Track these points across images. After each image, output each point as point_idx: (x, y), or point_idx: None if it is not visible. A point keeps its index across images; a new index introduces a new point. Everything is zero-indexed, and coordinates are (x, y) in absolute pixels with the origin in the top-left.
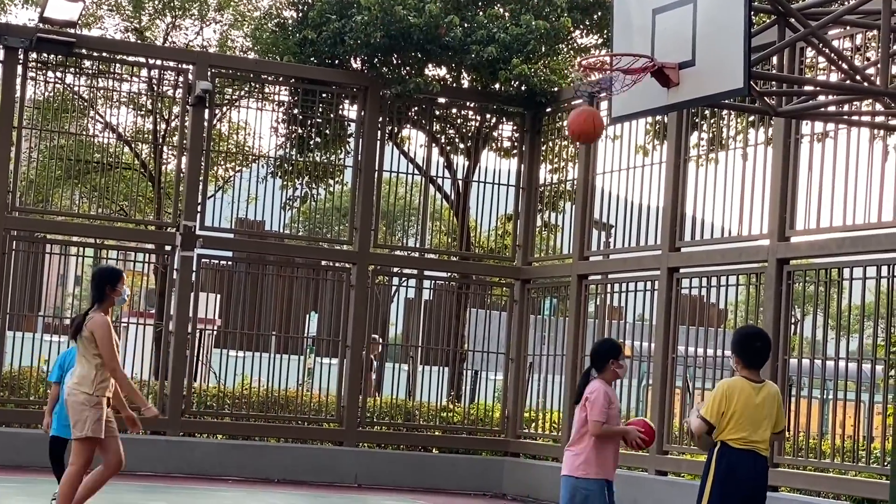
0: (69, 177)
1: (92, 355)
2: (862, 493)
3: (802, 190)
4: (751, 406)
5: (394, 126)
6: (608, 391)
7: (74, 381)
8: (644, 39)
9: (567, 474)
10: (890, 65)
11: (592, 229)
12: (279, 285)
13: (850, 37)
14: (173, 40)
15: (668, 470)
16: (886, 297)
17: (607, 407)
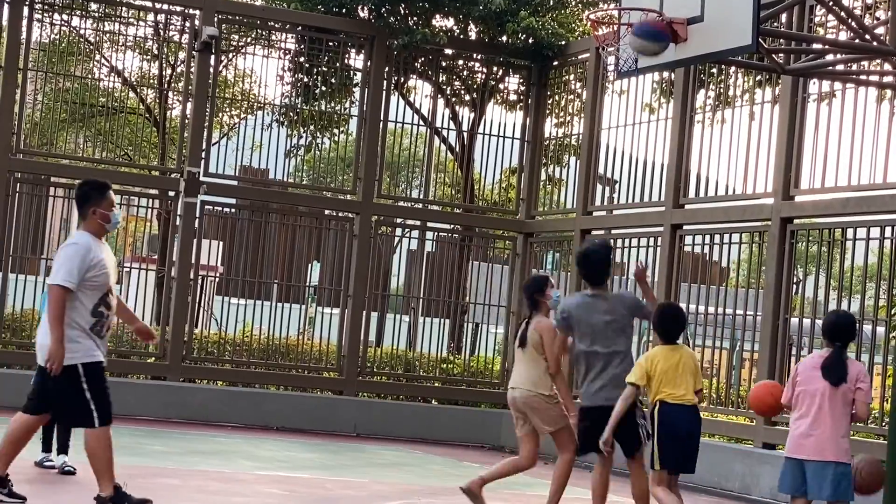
0: (74, 120)
1: (542, 357)
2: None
3: (808, 149)
4: (671, 368)
5: (400, 76)
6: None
7: (528, 385)
8: None
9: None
10: None
11: (596, 184)
12: (282, 234)
13: None
14: None
15: None
16: (889, 259)
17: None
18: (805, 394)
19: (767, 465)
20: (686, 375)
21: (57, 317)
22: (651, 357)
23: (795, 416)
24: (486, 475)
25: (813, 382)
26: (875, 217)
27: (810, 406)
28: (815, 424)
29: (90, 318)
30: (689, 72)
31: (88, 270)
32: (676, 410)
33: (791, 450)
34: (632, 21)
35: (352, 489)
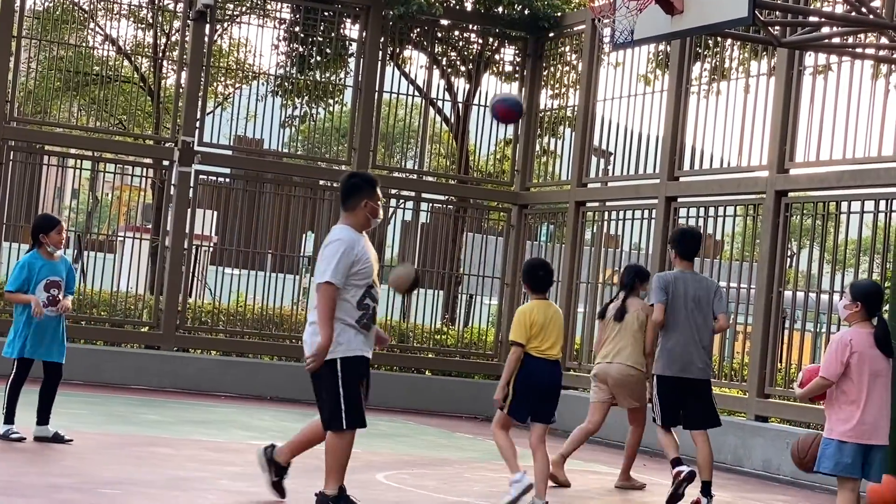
0: (68, 88)
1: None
2: None
3: (803, 122)
4: (546, 322)
5: (395, 47)
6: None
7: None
8: None
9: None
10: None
11: (591, 156)
12: (276, 204)
13: None
14: None
15: None
16: (883, 232)
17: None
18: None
19: (760, 437)
20: (554, 331)
21: (328, 316)
22: (527, 312)
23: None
24: (564, 451)
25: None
26: (869, 190)
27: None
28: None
29: (356, 312)
30: (685, 44)
31: (353, 265)
32: (540, 364)
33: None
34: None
35: None
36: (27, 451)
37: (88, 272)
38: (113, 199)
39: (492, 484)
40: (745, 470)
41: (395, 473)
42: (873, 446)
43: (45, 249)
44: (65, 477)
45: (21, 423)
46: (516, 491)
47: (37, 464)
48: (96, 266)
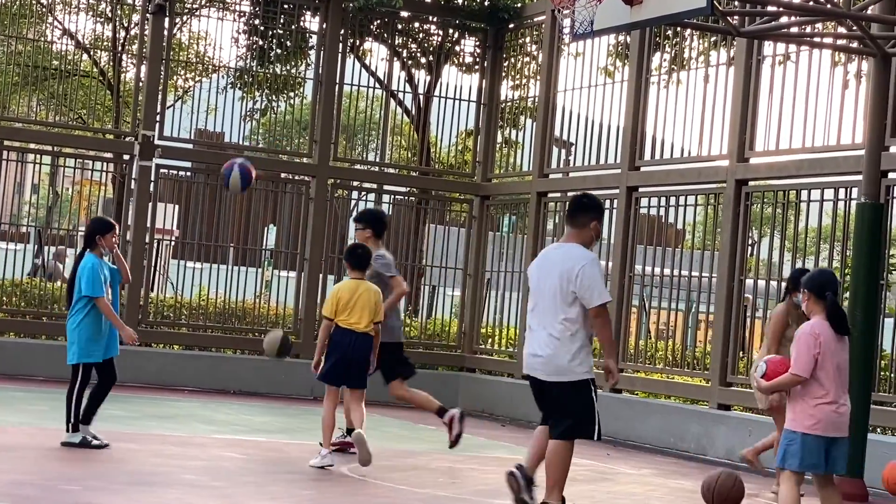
0: (27, 83)
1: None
2: None
3: (763, 111)
4: (352, 298)
5: (355, 39)
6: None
7: None
8: None
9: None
10: None
11: (553, 147)
12: (238, 197)
13: None
14: None
15: (621, 388)
16: (843, 220)
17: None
18: (830, 365)
19: (722, 425)
20: (361, 306)
21: (611, 336)
22: (336, 290)
23: (823, 387)
24: (760, 445)
25: (838, 353)
26: (829, 179)
27: (836, 376)
28: (843, 393)
29: (591, 331)
30: (645, 34)
31: None
32: (347, 334)
33: (823, 428)
34: None
35: (308, 452)
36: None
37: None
38: (73, 194)
39: (455, 475)
40: (709, 458)
41: (359, 467)
42: (836, 438)
43: (98, 251)
44: (28, 474)
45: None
46: (318, 463)
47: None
48: (57, 261)
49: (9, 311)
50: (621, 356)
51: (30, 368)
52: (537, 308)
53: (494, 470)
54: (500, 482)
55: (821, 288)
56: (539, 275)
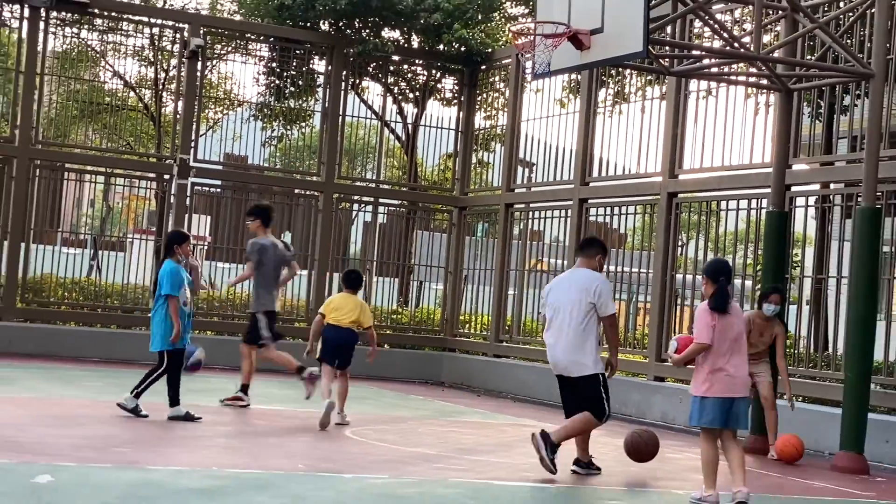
0: (83, 116)
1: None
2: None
3: (689, 136)
4: (340, 305)
5: (355, 79)
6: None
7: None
8: (562, 9)
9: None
10: (762, 34)
11: (518, 166)
12: None
13: (731, 11)
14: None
15: None
16: (755, 225)
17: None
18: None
19: (658, 394)
20: (348, 311)
21: (618, 338)
22: (331, 299)
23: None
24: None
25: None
26: (745, 191)
27: (729, 347)
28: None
29: (599, 335)
30: (593, 73)
31: None
32: (333, 328)
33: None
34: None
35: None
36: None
37: (104, 268)
38: (123, 207)
39: (441, 437)
40: (647, 420)
41: (360, 429)
42: (734, 399)
43: (176, 258)
44: (86, 439)
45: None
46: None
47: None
48: (110, 263)
49: (70, 304)
50: None
51: (86, 352)
52: (554, 322)
53: (472, 432)
54: (476, 441)
55: (715, 273)
56: (557, 293)
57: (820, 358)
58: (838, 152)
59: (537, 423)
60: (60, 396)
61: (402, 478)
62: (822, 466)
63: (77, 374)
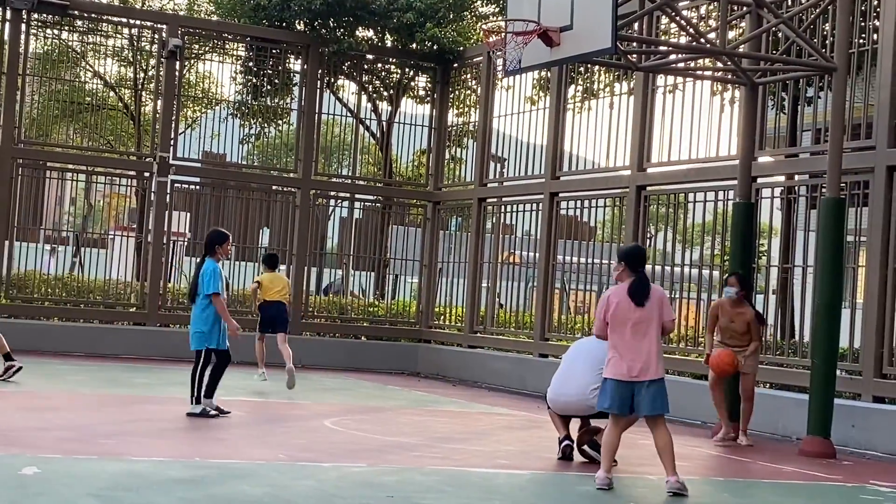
0: (65, 116)
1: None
2: (701, 371)
3: (657, 131)
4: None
5: (331, 77)
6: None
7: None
8: (532, 7)
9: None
10: (727, 30)
11: (490, 162)
12: (238, 205)
13: (696, 7)
14: (150, 4)
15: (548, 353)
16: (722, 217)
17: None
18: (625, 321)
19: None
20: (279, 288)
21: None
22: (261, 279)
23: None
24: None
25: (632, 311)
26: (711, 184)
27: (626, 331)
28: (638, 348)
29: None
30: (562, 70)
31: None
32: (269, 304)
33: (624, 374)
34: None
35: (299, 409)
36: (34, 411)
37: (86, 264)
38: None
39: (418, 426)
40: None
41: (339, 419)
42: (636, 384)
43: (217, 257)
44: (71, 430)
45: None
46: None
47: (46, 420)
48: (91, 259)
49: (53, 300)
50: (547, 329)
51: (70, 347)
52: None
53: (448, 421)
54: (452, 430)
55: (634, 262)
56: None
57: (787, 345)
58: (802, 144)
59: (511, 411)
60: (46, 390)
61: (381, 466)
62: (789, 451)
63: (61, 369)
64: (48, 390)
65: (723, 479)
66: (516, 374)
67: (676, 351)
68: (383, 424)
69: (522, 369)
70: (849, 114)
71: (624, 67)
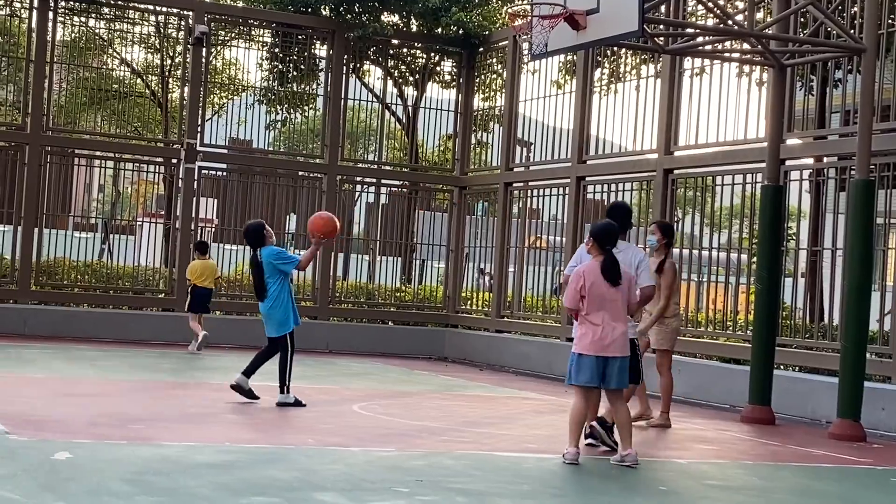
0: (92, 103)
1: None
2: (729, 354)
3: (684, 113)
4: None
5: (356, 62)
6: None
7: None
8: None
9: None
10: (755, 11)
11: (516, 146)
12: (264, 192)
13: None
14: None
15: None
16: (750, 200)
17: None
18: (596, 296)
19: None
20: (208, 274)
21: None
22: (191, 267)
23: (591, 319)
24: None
25: (602, 287)
26: (738, 167)
27: (600, 308)
28: (613, 325)
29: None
30: (588, 53)
31: None
32: (200, 289)
33: (594, 349)
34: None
35: (326, 394)
36: (65, 396)
37: (115, 251)
38: (132, 192)
39: (446, 410)
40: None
41: (367, 404)
42: (607, 358)
43: (269, 241)
44: (102, 416)
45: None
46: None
47: (77, 405)
48: (120, 246)
49: (82, 287)
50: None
51: (99, 333)
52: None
53: (475, 405)
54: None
55: (605, 239)
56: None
57: (816, 328)
58: (831, 126)
59: (538, 395)
60: (76, 376)
61: (409, 450)
62: (820, 434)
63: (91, 354)
64: (78, 376)
65: (752, 462)
66: (543, 359)
67: (704, 335)
68: (411, 409)
69: (550, 353)
70: (878, 95)
71: (651, 50)
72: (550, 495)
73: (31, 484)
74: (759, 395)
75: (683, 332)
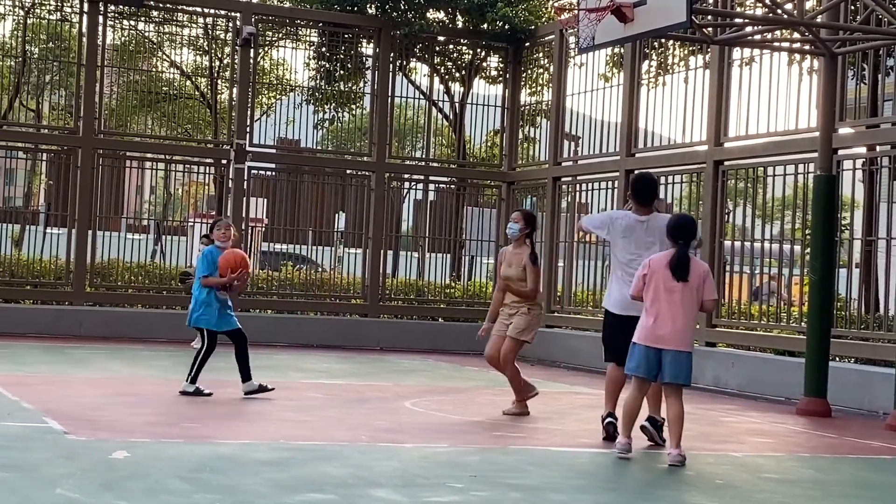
0: (143, 106)
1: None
2: (783, 346)
3: (734, 104)
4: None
5: (402, 60)
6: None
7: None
8: None
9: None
10: (804, 0)
11: (564, 141)
12: (313, 190)
13: None
14: None
15: None
16: (802, 190)
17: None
18: (658, 289)
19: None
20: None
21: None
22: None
23: (650, 309)
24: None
25: (666, 280)
26: (790, 157)
27: (658, 300)
28: (673, 318)
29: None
30: (636, 46)
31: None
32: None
33: (650, 340)
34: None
35: (378, 391)
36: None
37: (167, 252)
38: (183, 193)
39: (496, 405)
40: (699, 386)
41: (419, 401)
42: (661, 351)
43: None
44: (158, 415)
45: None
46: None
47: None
48: (172, 247)
49: (136, 287)
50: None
51: (154, 333)
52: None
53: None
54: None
55: (676, 233)
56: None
57: (871, 319)
58: (884, 114)
59: (590, 390)
60: (131, 376)
61: (463, 446)
62: (877, 426)
63: (146, 355)
64: (134, 376)
65: (809, 455)
66: (595, 354)
67: (758, 327)
68: (463, 405)
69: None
70: None
71: (699, 41)
72: (605, 490)
73: (91, 483)
74: (814, 387)
75: (735, 324)
